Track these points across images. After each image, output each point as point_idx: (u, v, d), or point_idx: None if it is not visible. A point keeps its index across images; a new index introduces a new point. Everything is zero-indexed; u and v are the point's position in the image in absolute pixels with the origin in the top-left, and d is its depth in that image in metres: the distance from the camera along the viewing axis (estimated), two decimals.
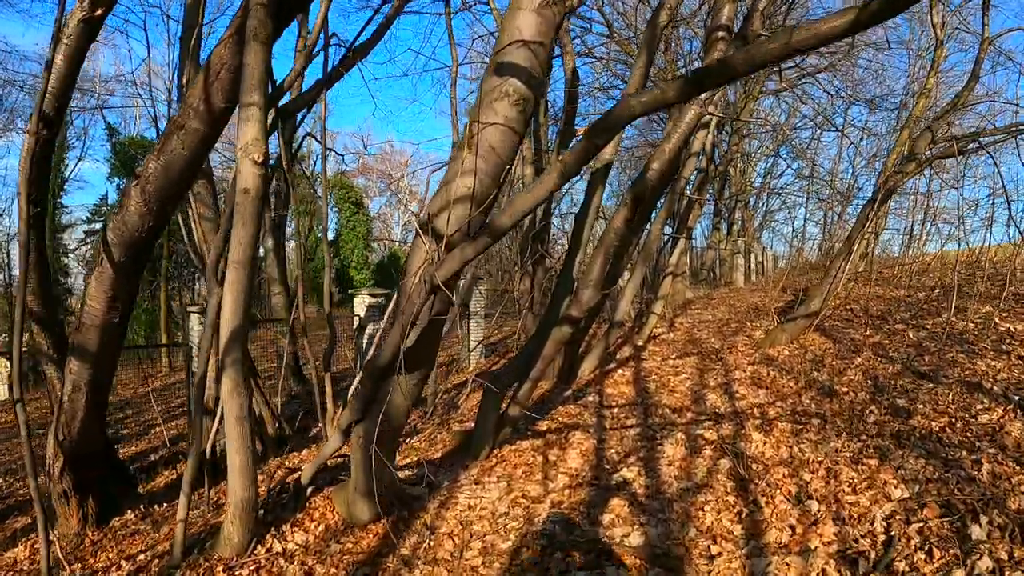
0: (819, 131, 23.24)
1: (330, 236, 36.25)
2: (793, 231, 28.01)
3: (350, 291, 11.49)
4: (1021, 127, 6.90)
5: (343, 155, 18.34)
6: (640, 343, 9.48)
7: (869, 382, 5.61)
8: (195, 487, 4.56)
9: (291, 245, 32.47)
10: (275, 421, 8.82)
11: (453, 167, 3.05)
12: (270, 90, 4.77)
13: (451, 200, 2.86)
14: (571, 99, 10.35)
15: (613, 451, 5.11)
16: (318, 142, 14.04)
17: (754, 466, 4.24)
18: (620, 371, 7.84)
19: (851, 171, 23.95)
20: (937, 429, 4.41)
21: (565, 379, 7.57)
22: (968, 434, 4.28)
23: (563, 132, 10.43)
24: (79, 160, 28.00)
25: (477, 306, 12.96)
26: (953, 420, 4.51)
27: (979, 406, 4.78)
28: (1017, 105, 10.50)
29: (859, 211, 18.33)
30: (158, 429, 10.69)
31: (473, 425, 5.47)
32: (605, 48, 16.62)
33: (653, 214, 7.16)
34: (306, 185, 31.73)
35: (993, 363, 5.92)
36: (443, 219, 2.97)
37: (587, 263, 4.30)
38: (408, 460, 5.79)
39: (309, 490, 5.29)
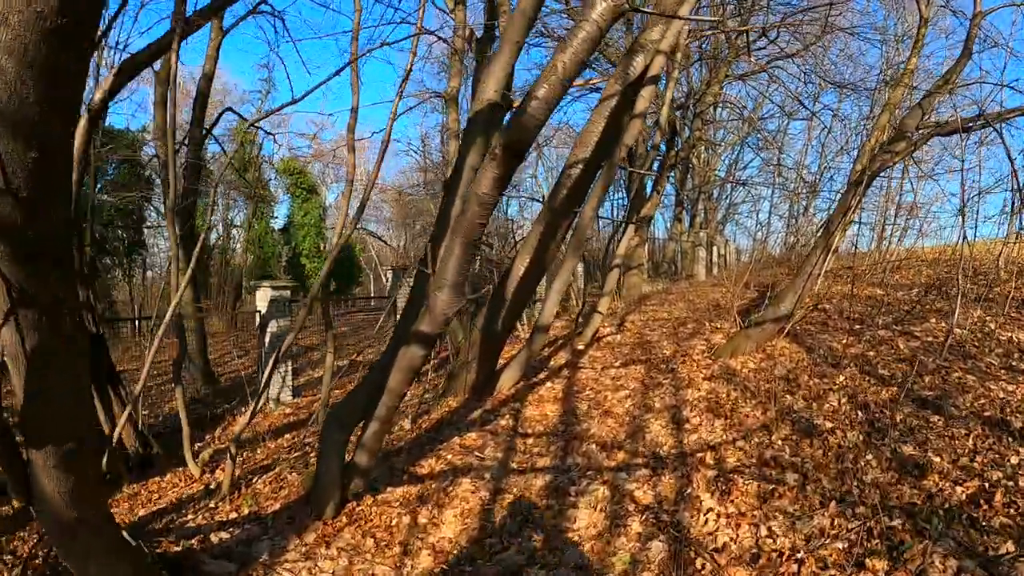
0: (787, 120, 22.17)
1: (281, 223, 34.17)
2: (757, 224, 26.90)
3: (252, 282, 9.78)
4: None
5: (272, 135, 16.41)
6: (581, 346, 8.03)
7: (859, 414, 4.22)
8: None
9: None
10: (136, 440, 7.18)
11: None
12: None
13: None
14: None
15: (507, 513, 3.62)
16: (239, 115, 12.29)
17: (699, 564, 2.78)
18: (549, 384, 6.37)
19: (819, 162, 22.93)
20: (965, 499, 3.03)
21: (480, 394, 6.07)
22: (1013, 509, 2.90)
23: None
24: None
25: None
26: (986, 484, 3.13)
27: (1014, 458, 3.43)
28: (1008, 87, 9.30)
29: (835, 200, 17.09)
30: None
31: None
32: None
33: (588, 192, 5.68)
34: (253, 171, 29.72)
35: (1009, 387, 4.62)
36: None
37: (443, 252, 2.77)
38: (237, 514, 4.22)
39: None
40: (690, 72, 20.03)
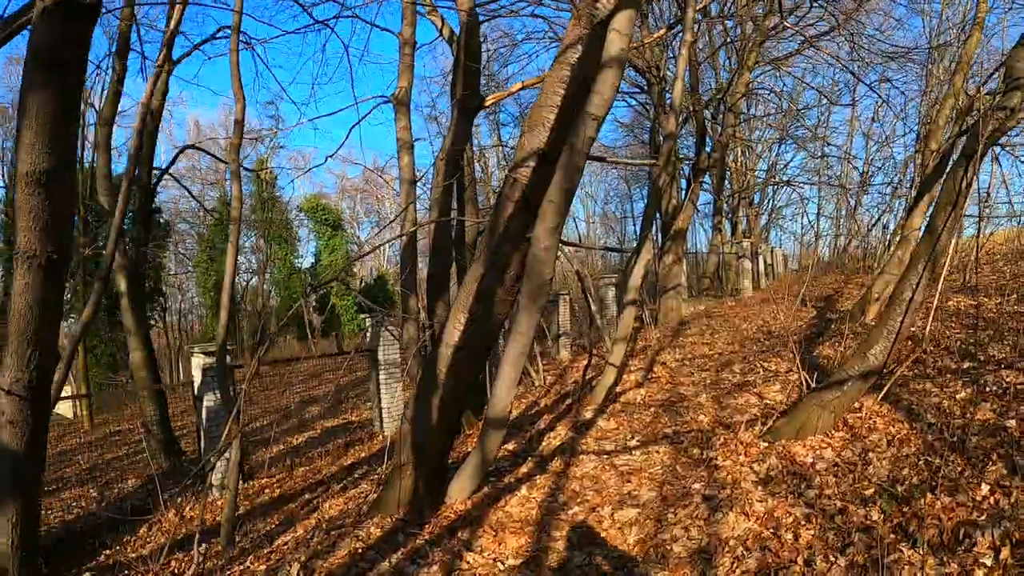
0: (827, 111, 19.62)
1: (308, 262, 33.08)
2: (806, 226, 24.00)
3: (186, 346, 8.09)
4: None
5: (257, 171, 14.99)
6: (589, 414, 5.99)
7: None
8: None
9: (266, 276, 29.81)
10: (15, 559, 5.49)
11: None
12: None
13: None
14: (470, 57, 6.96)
15: None
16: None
17: None
18: (525, 489, 4.36)
19: (865, 152, 20.20)
20: None
21: (420, 511, 4.12)
22: None
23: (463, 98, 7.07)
24: None
25: (390, 353, 9.50)
26: None
27: None
28: None
29: (890, 193, 14.41)
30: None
31: None
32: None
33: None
34: (277, 209, 28.80)
35: None
36: None
37: None
38: None
39: None
40: (717, 63, 17.89)
